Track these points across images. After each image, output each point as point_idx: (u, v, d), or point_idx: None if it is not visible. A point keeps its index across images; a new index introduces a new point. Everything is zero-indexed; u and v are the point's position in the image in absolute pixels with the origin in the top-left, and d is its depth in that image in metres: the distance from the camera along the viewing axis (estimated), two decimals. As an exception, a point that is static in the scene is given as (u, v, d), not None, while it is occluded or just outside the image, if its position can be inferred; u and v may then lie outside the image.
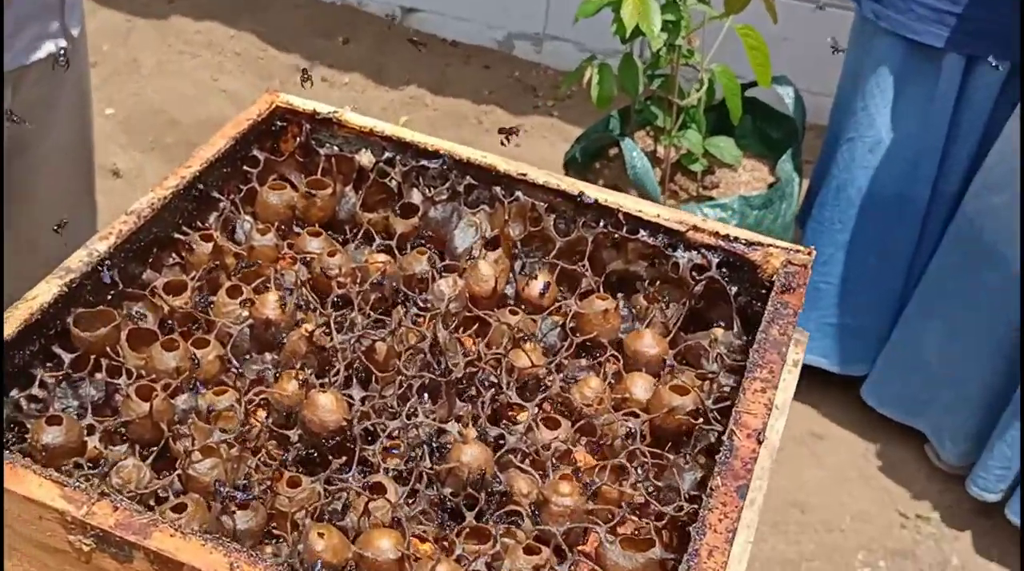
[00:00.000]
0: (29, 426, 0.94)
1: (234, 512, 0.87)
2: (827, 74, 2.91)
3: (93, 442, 0.94)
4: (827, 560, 2.58)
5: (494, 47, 3.91)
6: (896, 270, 2.67)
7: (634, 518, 0.94)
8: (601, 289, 1.12)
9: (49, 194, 1.72)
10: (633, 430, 0.98)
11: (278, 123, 1.22)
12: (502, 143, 1.18)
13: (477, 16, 3.86)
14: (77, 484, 0.83)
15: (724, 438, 0.90)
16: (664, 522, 0.91)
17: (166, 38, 3.88)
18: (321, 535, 0.86)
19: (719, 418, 0.97)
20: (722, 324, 1.09)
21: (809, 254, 1.06)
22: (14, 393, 0.95)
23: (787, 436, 2.81)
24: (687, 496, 0.91)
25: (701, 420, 0.96)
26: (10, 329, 0.94)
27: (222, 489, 0.89)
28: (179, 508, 0.89)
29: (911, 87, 2.45)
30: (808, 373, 2.91)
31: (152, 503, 0.91)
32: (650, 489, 0.95)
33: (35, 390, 0.96)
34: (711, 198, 2.74)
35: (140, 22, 3.94)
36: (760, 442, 0.90)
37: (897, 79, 2.48)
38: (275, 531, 0.91)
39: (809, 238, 2.76)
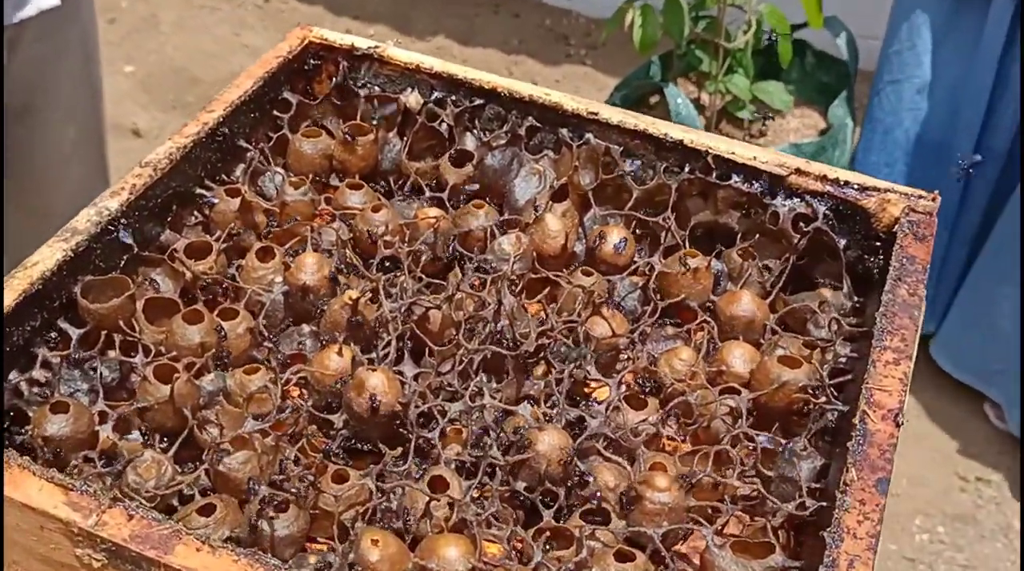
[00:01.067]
0: (31, 415, 0.79)
1: (272, 518, 0.72)
2: (877, 17, 2.73)
3: (106, 431, 0.79)
4: (883, 526, 2.44)
5: (524, -6, 3.75)
6: (939, 223, 2.53)
7: (741, 515, 0.79)
8: (687, 244, 0.96)
9: (57, 158, 1.62)
10: (736, 409, 0.82)
11: (311, 62, 1.05)
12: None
13: (506, -38, 3.69)
14: (85, 487, 0.68)
15: (856, 421, 0.74)
16: (779, 521, 0.76)
17: (185, -8, 3.74)
18: (375, 543, 0.71)
19: (837, 395, 0.81)
20: (830, 283, 0.93)
21: (934, 200, 0.90)
22: (13, 376, 0.79)
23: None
24: (807, 489, 0.76)
25: (823, 399, 0.80)
26: (8, 301, 0.79)
27: (256, 488, 0.74)
28: (207, 510, 0.74)
29: (957, 30, 2.30)
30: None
31: (175, 502, 0.76)
32: (759, 481, 0.79)
33: (37, 372, 0.81)
34: (760, 146, 2.58)
35: (158, -24, 3.80)
36: (899, 425, 0.74)
37: (944, 19, 2.34)
38: (319, 537, 0.76)
39: None
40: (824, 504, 0.73)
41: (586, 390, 0.87)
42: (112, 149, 2.46)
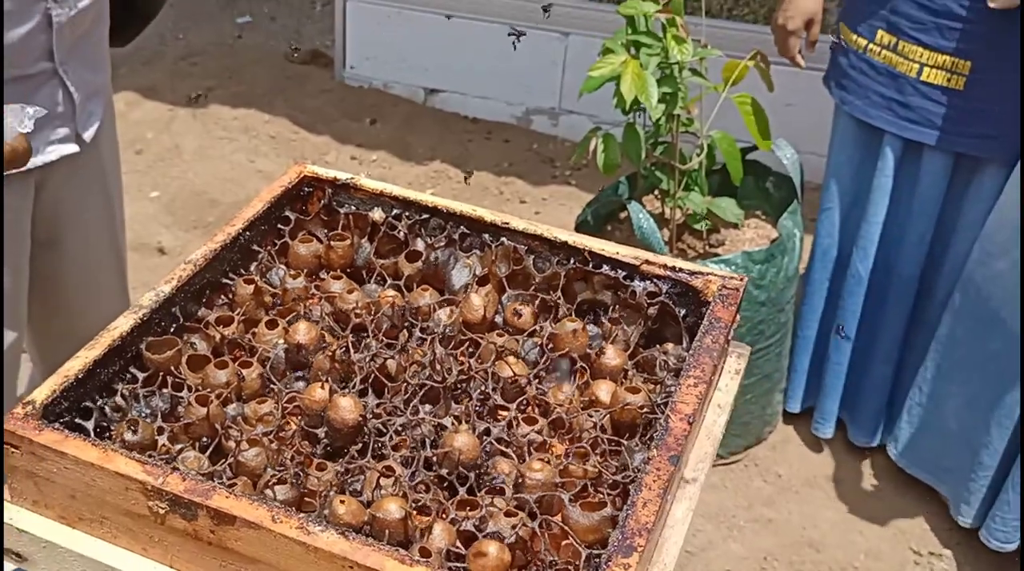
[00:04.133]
0: (113, 428, 1.23)
1: (274, 486, 1.16)
2: (819, 134, 3.20)
3: (162, 440, 1.24)
4: (829, 591, 2.78)
5: (513, 122, 4.25)
6: (847, 344, 3.02)
7: (596, 492, 1.21)
8: (573, 314, 1.40)
9: (80, 286, 1.96)
10: (596, 423, 1.26)
11: (306, 189, 1.53)
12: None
13: (496, 94, 4.21)
14: (154, 462, 1.12)
15: (662, 421, 1.17)
16: (617, 491, 1.18)
17: (206, 125, 4.25)
18: (342, 502, 1.14)
19: (664, 411, 1.24)
20: (671, 339, 1.37)
21: (741, 280, 1.34)
22: (100, 402, 1.24)
23: (801, 478, 3.05)
24: (635, 470, 1.18)
25: (646, 410, 1.24)
26: (97, 352, 1.24)
27: (264, 471, 1.17)
28: (230, 487, 1.17)
29: (862, 166, 2.81)
30: (811, 416, 3.16)
31: (210, 487, 1.19)
32: (609, 468, 1.22)
33: (117, 400, 1.25)
34: (717, 254, 3.01)
35: (181, 111, 4.32)
36: (691, 423, 1.17)
37: (852, 157, 2.85)
38: (306, 507, 1.19)
39: (807, 297, 3.10)
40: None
41: (498, 413, 1.31)
42: (140, 266, 2.94)
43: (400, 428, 1.25)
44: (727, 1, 4.40)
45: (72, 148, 1.75)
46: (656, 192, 3.17)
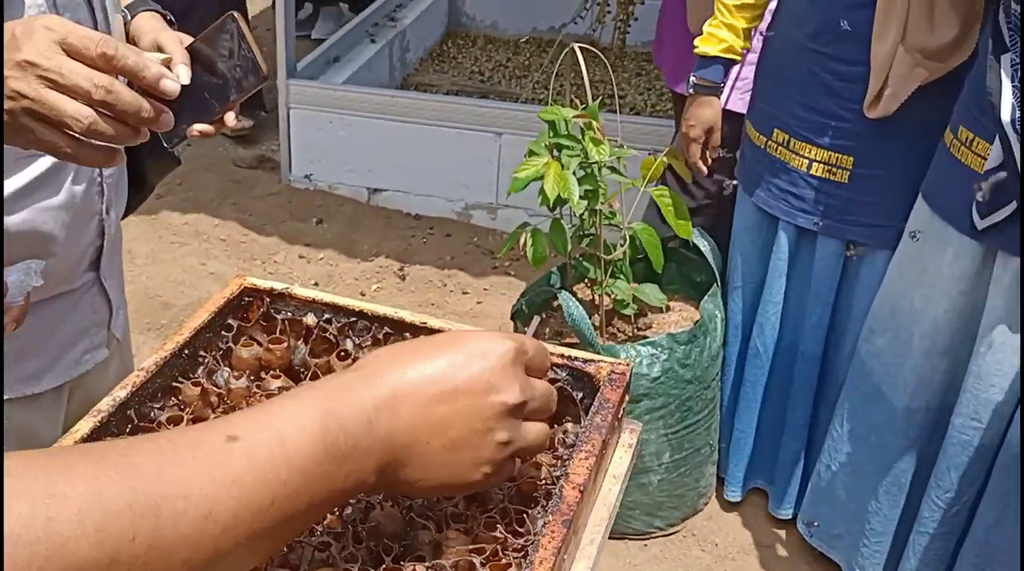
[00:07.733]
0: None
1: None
2: (737, 222, 3.44)
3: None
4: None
5: (454, 218, 4.49)
6: (751, 413, 3.28)
7: (504, 555, 1.40)
8: (485, 401, 1.61)
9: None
10: (504, 495, 1.46)
11: (246, 299, 1.73)
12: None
13: (437, 192, 4.46)
14: (115, 546, 1.30)
15: (556, 490, 1.38)
16: (521, 553, 1.38)
17: (157, 230, 4.46)
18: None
19: (559, 482, 1.44)
20: (571, 419, 1.58)
21: (628, 365, 1.55)
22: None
23: (736, 546, 3.25)
24: (535, 534, 1.38)
25: (547, 482, 1.44)
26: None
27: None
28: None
29: (764, 249, 3.09)
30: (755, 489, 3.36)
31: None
32: (516, 535, 1.41)
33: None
34: (645, 337, 3.24)
35: (133, 218, 4.50)
36: (583, 491, 1.37)
37: (755, 240, 3.13)
38: None
39: (724, 373, 3.34)
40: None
41: (418, 493, 1.50)
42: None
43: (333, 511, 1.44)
44: (650, 98, 4.71)
45: (104, 353, 1.86)
46: (586, 281, 3.41)
